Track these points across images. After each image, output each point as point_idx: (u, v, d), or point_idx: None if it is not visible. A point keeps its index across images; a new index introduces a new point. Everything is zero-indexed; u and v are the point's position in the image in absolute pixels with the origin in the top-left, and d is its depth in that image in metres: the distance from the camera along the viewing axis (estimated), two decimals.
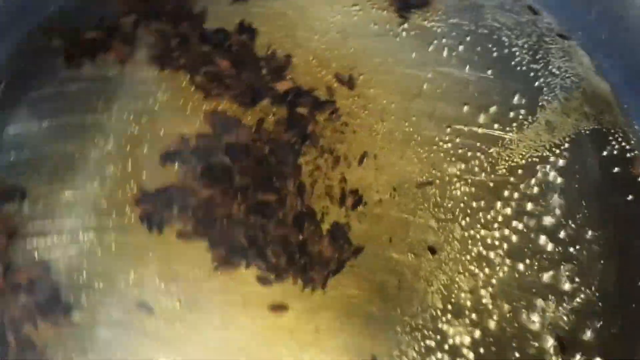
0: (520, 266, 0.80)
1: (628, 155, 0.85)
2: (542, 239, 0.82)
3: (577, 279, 0.80)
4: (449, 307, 0.78)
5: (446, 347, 0.77)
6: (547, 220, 0.82)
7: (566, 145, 0.86)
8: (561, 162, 0.85)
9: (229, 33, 0.90)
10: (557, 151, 0.85)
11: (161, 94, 0.86)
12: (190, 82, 0.87)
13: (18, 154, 0.83)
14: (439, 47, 0.91)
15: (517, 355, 0.77)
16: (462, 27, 0.92)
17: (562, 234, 0.82)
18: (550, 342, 0.78)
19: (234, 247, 0.80)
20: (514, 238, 0.81)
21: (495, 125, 0.86)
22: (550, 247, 0.81)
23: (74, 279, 0.78)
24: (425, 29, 0.92)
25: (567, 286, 0.80)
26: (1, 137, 0.83)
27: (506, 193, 0.83)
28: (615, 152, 0.86)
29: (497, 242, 0.81)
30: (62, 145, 0.84)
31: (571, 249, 0.81)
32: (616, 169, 0.85)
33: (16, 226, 0.79)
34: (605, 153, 0.86)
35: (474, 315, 0.78)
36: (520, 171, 0.84)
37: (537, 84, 0.89)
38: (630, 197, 0.84)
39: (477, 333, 0.78)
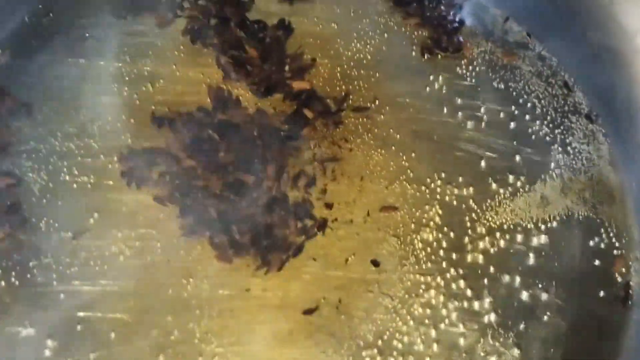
0: (466, 331, 0.78)
1: (614, 252, 0.82)
2: (497, 312, 0.79)
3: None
4: (379, 342, 0.77)
5: None
6: (508, 293, 0.79)
7: (554, 224, 0.83)
8: (543, 239, 0.82)
9: (267, 26, 0.94)
10: (543, 227, 0.83)
11: (184, 64, 0.90)
12: (216, 61, 0.91)
13: (39, 79, 0.88)
14: (461, 97, 0.90)
15: None
16: (492, 84, 0.91)
17: (517, 309, 0.79)
18: None
19: (202, 218, 0.81)
20: (469, 301, 0.79)
21: (491, 184, 0.85)
22: (501, 320, 0.78)
23: (41, 203, 0.81)
24: (455, 77, 0.92)
25: None
26: (29, 61, 0.89)
27: (478, 253, 0.81)
28: (602, 245, 0.82)
29: (452, 297, 0.79)
30: (80, 84, 0.88)
31: (521, 326, 0.78)
32: (597, 262, 0.81)
33: (10, 142, 0.84)
34: (591, 243, 0.82)
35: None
36: (498, 234, 0.82)
37: (546, 157, 0.87)
38: (601, 294, 0.79)
39: None
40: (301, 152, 0.86)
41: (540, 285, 0.80)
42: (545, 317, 0.78)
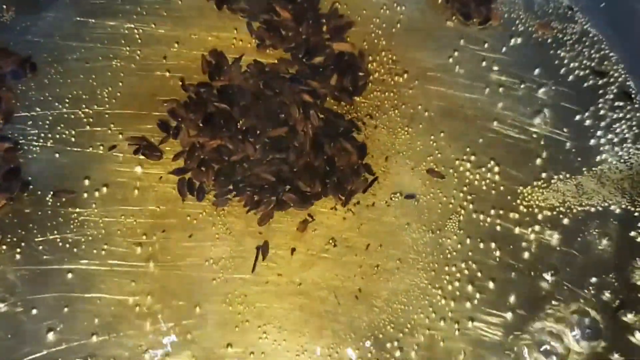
0: (490, 326, 0.74)
1: None
2: (523, 307, 0.74)
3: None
4: (399, 335, 0.73)
5: None
6: (536, 287, 0.75)
7: (589, 215, 0.78)
8: (577, 230, 0.77)
9: None
10: (578, 217, 0.78)
11: (201, 27, 0.84)
12: (247, 28, 0.85)
13: (45, 39, 0.83)
14: (496, 73, 0.84)
15: None
16: (529, 60, 0.84)
17: (544, 304, 0.75)
18: None
19: (260, 188, 0.77)
20: (495, 294, 0.75)
21: (524, 169, 0.80)
22: (527, 316, 0.74)
23: (47, 175, 0.77)
24: (490, 51, 0.85)
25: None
26: (36, 19, 0.83)
27: (508, 244, 0.77)
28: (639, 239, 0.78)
29: (478, 290, 0.75)
30: (90, 44, 0.83)
31: (549, 323, 0.74)
32: (638, 259, 0.76)
33: (14, 109, 0.79)
34: (632, 233, 0.77)
35: (421, 354, 0.73)
36: (529, 223, 0.77)
37: (584, 142, 0.81)
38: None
39: None
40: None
41: (571, 279, 0.76)
42: (576, 313, 0.75)
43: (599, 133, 0.82)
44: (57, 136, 0.79)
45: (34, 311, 0.72)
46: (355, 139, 0.80)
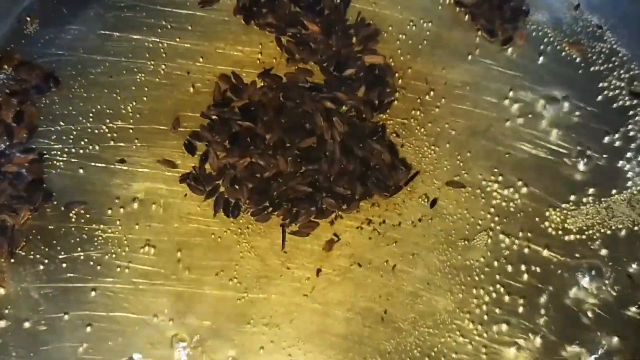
0: (519, 350, 0.73)
1: None
2: (551, 330, 0.73)
3: None
4: (425, 359, 0.72)
5: None
6: (564, 310, 0.74)
7: (618, 238, 0.77)
8: (605, 252, 0.76)
9: None
10: (606, 240, 0.77)
11: (226, 41, 0.84)
12: (276, 42, 0.84)
13: (69, 52, 0.82)
14: (525, 92, 0.83)
15: None
16: (559, 80, 0.83)
17: (575, 328, 0.74)
18: None
19: (300, 200, 0.76)
20: (524, 317, 0.74)
21: (553, 191, 0.79)
22: (556, 340, 0.73)
23: (71, 191, 0.77)
24: (519, 69, 0.84)
25: None
26: (60, 32, 0.83)
27: (536, 266, 0.75)
28: None
29: (506, 313, 0.74)
30: (114, 58, 0.82)
31: (578, 347, 0.73)
32: None
33: (38, 124, 0.79)
34: None
35: None
36: (558, 246, 0.76)
37: (614, 164, 0.80)
38: None
39: None
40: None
41: (601, 304, 0.75)
42: (608, 339, 0.74)
43: (628, 155, 0.81)
44: (81, 151, 0.78)
45: (57, 330, 0.71)
46: (382, 139, 0.80)
